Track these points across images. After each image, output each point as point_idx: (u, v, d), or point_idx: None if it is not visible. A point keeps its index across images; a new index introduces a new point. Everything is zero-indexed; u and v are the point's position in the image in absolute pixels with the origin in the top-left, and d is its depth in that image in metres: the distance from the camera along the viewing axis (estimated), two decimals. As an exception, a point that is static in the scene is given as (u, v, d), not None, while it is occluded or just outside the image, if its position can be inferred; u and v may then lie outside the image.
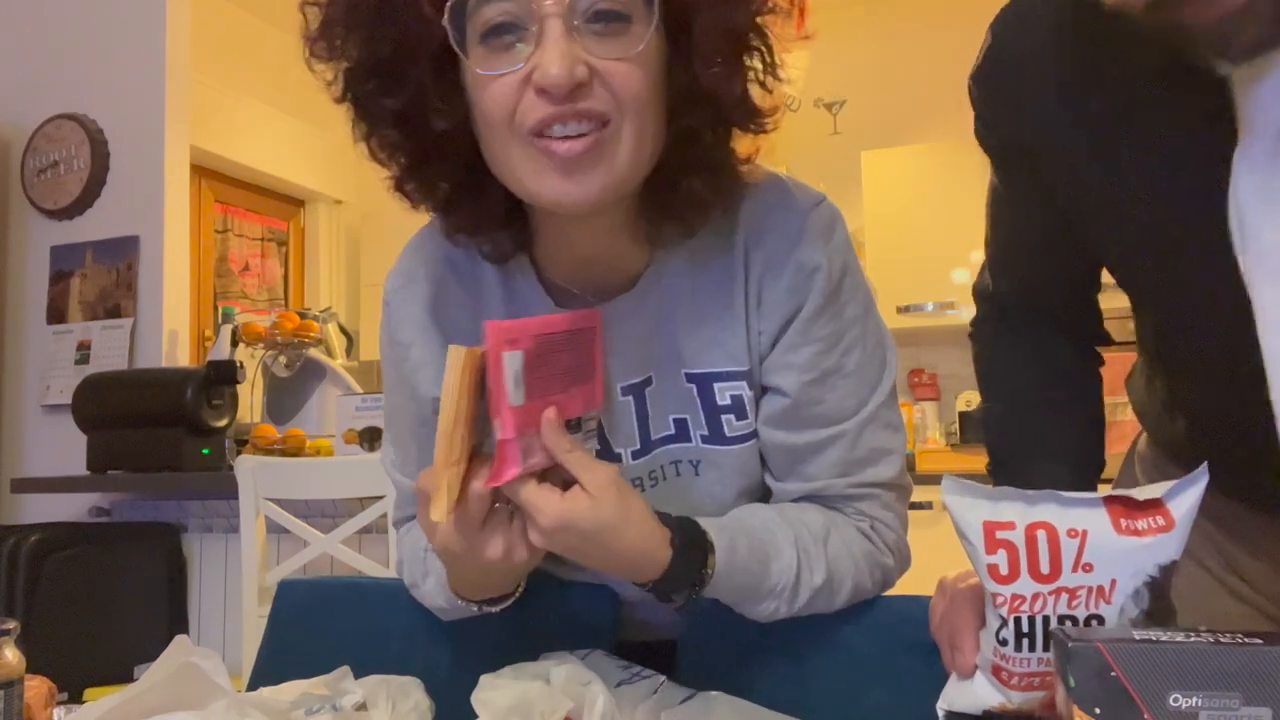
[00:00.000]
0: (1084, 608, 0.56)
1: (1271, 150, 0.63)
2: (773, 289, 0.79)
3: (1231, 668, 0.46)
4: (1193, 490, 0.57)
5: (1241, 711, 0.46)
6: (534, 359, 0.65)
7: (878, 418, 0.81)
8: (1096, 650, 0.48)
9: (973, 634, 0.63)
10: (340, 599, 1.00)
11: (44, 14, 3.33)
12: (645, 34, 0.66)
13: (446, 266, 0.85)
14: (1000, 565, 0.57)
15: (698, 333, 0.80)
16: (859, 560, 0.80)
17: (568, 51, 0.64)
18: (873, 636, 0.82)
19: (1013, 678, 0.59)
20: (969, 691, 0.62)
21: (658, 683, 0.78)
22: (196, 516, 2.75)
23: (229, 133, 4.23)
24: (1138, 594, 0.56)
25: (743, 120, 0.74)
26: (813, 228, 0.79)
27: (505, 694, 0.69)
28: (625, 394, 0.82)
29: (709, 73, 0.69)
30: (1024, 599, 0.57)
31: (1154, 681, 0.47)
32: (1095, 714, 0.47)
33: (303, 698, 0.74)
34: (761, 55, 0.72)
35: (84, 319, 3.19)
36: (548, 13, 0.64)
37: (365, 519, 2.09)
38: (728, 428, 0.81)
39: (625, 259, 0.80)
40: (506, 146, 0.69)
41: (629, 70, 0.66)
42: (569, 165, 0.67)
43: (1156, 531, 0.56)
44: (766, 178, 0.81)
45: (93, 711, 0.72)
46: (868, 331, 0.82)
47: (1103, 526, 0.56)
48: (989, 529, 0.58)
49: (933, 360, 4.21)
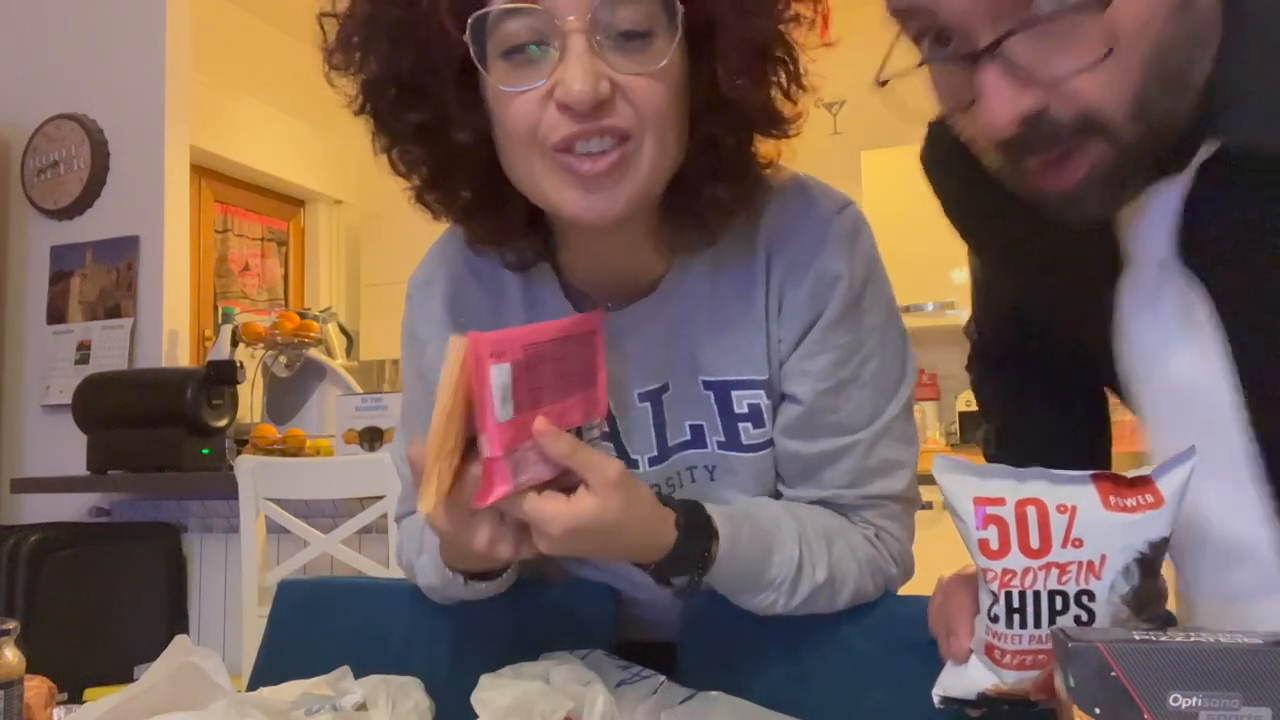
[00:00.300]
0: (1074, 583, 0.57)
1: (1156, 280, 0.64)
2: (793, 296, 0.78)
3: (1231, 668, 0.46)
4: (1182, 468, 0.57)
5: (1241, 711, 0.46)
6: (524, 370, 0.63)
7: (891, 430, 0.80)
8: (1096, 650, 0.48)
9: (967, 618, 0.63)
10: (340, 599, 1.00)
11: (44, 14, 3.33)
12: (668, 49, 0.66)
13: (467, 268, 0.86)
14: (991, 540, 0.58)
15: (717, 339, 0.79)
16: (862, 564, 0.80)
17: (591, 68, 0.63)
18: (873, 636, 0.82)
19: (1005, 655, 0.59)
20: (963, 676, 0.63)
21: (658, 683, 0.78)
22: (196, 516, 2.75)
23: (229, 133, 4.23)
24: (1128, 570, 0.56)
25: (766, 127, 0.74)
26: (836, 235, 0.78)
27: (505, 694, 0.69)
28: (643, 401, 0.82)
29: (734, 84, 0.68)
30: (1014, 574, 0.57)
31: (1154, 681, 0.47)
32: (1095, 714, 0.47)
33: (303, 698, 0.74)
34: (785, 65, 0.72)
35: (84, 319, 3.19)
36: (570, 29, 0.63)
37: (365, 519, 2.09)
38: (744, 435, 0.81)
39: (647, 265, 0.79)
40: (529, 160, 0.68)
41: (651, 85, 0.66)
42: (591, 182, 0.67)
43: (1146, 508, 0.56)
44: (790, 181, 0.80)
45: (93, 711, 0.72)
46: (887, 341, 0.81)
47: (1092, 502, 0.57)
48: (979, 504, 0.58)
49: (933, 360, 4.21)
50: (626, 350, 0.80)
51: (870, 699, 0.79)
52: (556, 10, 0.64)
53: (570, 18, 0.63)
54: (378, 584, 1.06)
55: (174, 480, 2.63)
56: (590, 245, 0.79)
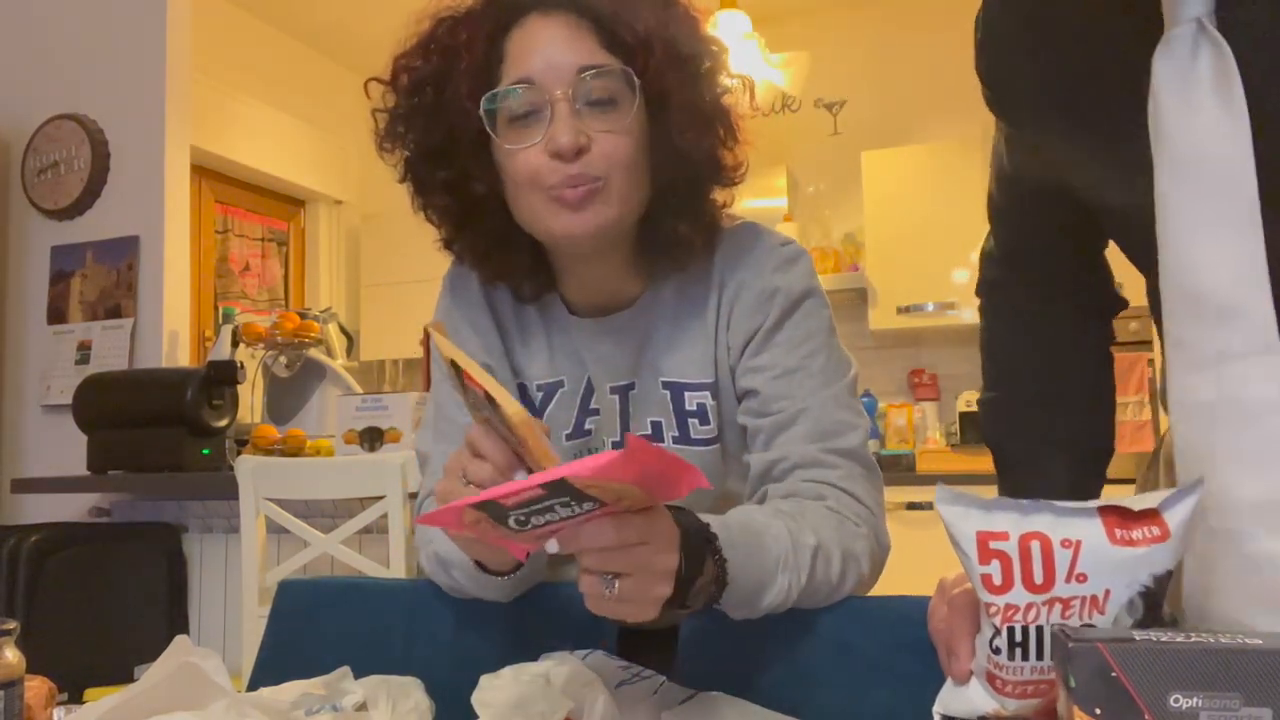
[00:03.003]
0: (1078, 618, 0.56)
1: (1191, 43, 0.64)
2: (740, 309, 0.95)
3: (1232, 668, 0.47)
4: (1189, 500, 0.56)
5: (1241, 711, 0.46)
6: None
7: (839, 398, 0.93)
8: (1097, 650, 0.48)
9: (969, 640, 0.63)
10: (340, 599, 1.00)
11: (44, 14, 3.33)
12: (630, 112, 0.87)
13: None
14: (994, 575, 0.57)
15: (676, 348, 0.97)
16: (834, 528, 0.84)
17: (572, 126, 0.85)
18: (873, 636, 0.82)
19: (1007, 685, 0.59)
20: (964, 697, 0.62)
21: (658, 683, 0.78)
22: (197, 517, 2.75)
23: (229, 133, 4.23)
24: (1132, 604, 0.56)
25: (712, 174, 0.93)
26: (777, 261, 0.96)
27: (505, 694, 0.69)
28: (612, 394, 0.99)
29: (684, 138, 0.89)
30: (1017, 609, 0.57)
31: (1154, 682, 0.47)
32: (1096, 714, 0.47)
33: (303, 698, 0.74)
34: (723, 123, 0.92)
35: (84, 319, 3.19)
36: (557, 100, 0.86)
37: (365, 519, 2.09)
38: (694, 431, 0.97)
39: (626, 287, 0.98)
40: (529, 199, 0.88)
41: (616, 139, 0.86)
42: (573, 206, 0.86)
43: (1151, 541, 0.56)
44: (743, 224, 0.99)
45: (93, 711, 0.72)
46: (831, 346, 0.95)
47: (1097, 537, 0.56)
48: (982, 539, 0.58)
49: (933, 360, 4.21)
50: (603, 352, 0.98)
51: (870, 699, 0.79)
52: (547, 85, 0.86)
53: (557, 91, 0.85)
54: (378, 584, 1.06)
55: (174, 480, 2.63)
56: (583, 272, 0.97)
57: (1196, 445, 0.66)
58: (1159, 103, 0.66)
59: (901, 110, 4.35)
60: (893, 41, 4.38)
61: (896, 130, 4.33)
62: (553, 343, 1.01)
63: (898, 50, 4.37)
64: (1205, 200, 0.64)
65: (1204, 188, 0.64)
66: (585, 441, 1.01)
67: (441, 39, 0.90)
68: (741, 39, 3.58)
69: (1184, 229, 0.65)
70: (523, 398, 1.01)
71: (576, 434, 1.00)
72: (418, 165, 0.93)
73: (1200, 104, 0.63)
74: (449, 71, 0.89)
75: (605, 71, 0.86)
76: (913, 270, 3.94)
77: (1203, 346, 0.65)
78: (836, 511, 0.86)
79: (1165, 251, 0.67)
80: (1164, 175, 0.66)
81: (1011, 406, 0.98)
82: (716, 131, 0.92)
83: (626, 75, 0.86)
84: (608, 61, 0.86)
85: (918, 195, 3.96)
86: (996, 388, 1.00)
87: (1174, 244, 0.66)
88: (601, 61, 0.86)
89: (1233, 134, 0.62)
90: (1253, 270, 0.62)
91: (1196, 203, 0.64)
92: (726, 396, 0.97)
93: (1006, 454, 0.98)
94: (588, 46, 0.87)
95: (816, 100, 4.48)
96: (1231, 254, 0.63)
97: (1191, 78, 0.64)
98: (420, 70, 0.91)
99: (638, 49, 0.87)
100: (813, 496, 0.87)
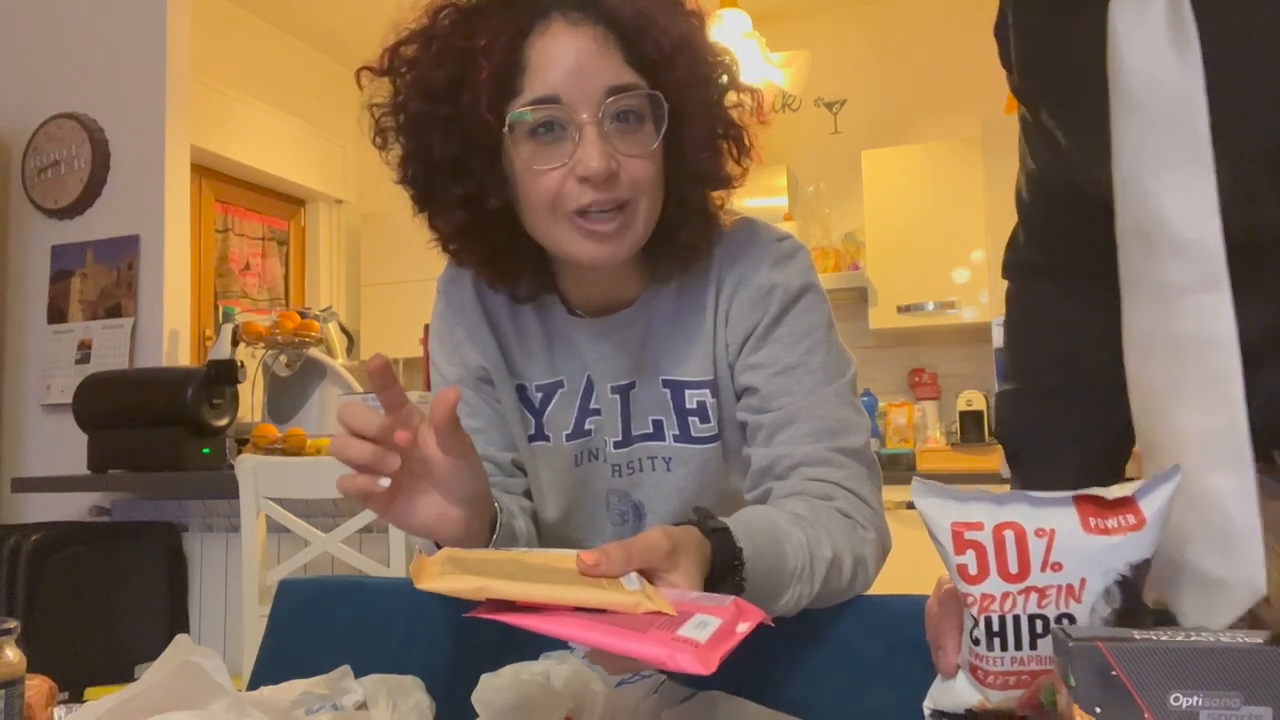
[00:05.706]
0: (1054, 606, 0.56)
1: None
2: (738, 307, 0.95)
3: (1231, 668, 0.46)
4: (1165, 488, 0.57)
5: (1241, 711, 0.46)
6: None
7: (841, 396, 0.92)
8: (1097, 650, 0.48)
9: (955, 634, 0.63)
10: (340, 599, 1.00)
11: (44, 14, 3.33)
12: (656, 136, 0.86)
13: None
14: (969, 565, 0.58)
15: (676, 347, 0.97)
16: (846, 533, 0.84)
17: (603, 150, 0.83)
18: (873, 636, 0.82)
19: (988, 676, 0.59)
20: (951, 691, 0.63)
21: (658, 683, 0.78)
22: (197, 516, 2.75)
23: (229, 133, 4.23)
24: (1109, 593, 0.56)
25: (718, 186, 0.94)
26: (773, 257, 0.95)
27: (505, 694, 0.69)
28: (614, 393, 0.98)
29: (700, 158, 0.89)
30: (993, 598, 0.57)
31: (1154, 681, 0.47)
32: (1096, 714, 0.47)
33: (303, 697, 0.74)
34: (736, 141, 0.93)
35: (84, 318, 3.19)
36: (585, 123, 0.83)
37: (366, 518, 2.09)
38: (694, 429, 0.97)
39: (627, 288, 0.97)
40: (549, 221, 0.87)
41: (643, 164, 0.85)
42: (603, 238, 0.86)
43: (1127, 530, 0.56)
44: (739, 220, 0.98)
45: (93, 711, 0.72)
46: (830, 342, 0.94)
47: (1071, 525, 0.57)
48: (957, 530, 0.58)
49: (933, 360, 4.21)
50: (604, 352, 0.98)
51: (870, 699, 0.79)
52: (574, 106, 0.83)
53: (584, 115, 0.83)
54: (378, 584, 1.06)
55: (174, 480, 2.63)
56: (586, 276, 0.96)
57: (1142, 382, 0.67)
58: (1115, 47, 0.66)
59: (901, 110, 4.35)
60: (893, 41, 4.38)
61: (896, 130, 4.33)
62: (551, 343, 1.00)
63: (898, 50, 4.37)
64: (1158, 133, 0.64)
65: (1156, 121, 0.64)
66: (585, 441, 1.00)
67: (453, 39, 0.85)
68: (741, 38, 3.58)
69: (1137, 164, 0.66)
70: (522, 398, 1.01)
71: (576, 434, 1.00)
72: (429, 178, 0.89)
73: (1153, 40, 0.64)
74: (465, 79, 0.84)
75: (634, 94, 0.84)
76: (913, 269, 3.93)
77: (1153, 280, 0.66)
78: (847, 515, 0.86)
79: (1120, 191, 0.67)
80: (1119, 114, 0.66)
81: (1028, 399, 0.97)
82: (730, 147, 0.92)
83: (654, 99, 0.85)
84: (635, 81, 0.84)
85: (918, 195, 3.96)
86: (1016, 380, 0.99)
87: (1128, 181, 0.66)
88: (629, 81, 0.84)
89: (1185, 69, 0.63)
90: (1204, 204, 0.63)
91: (1149, 136, 0.64)
92: (726, 394, 0.96)
93: (1019, 448, 0.97)
94: (615, 64, 0.84)
95: (816, 99, 4.48)
96: (1182, 187, 0.63)
97: (1147, 19, 0.64)
98: (435, 77, 0.85)
99: (661, 65, 0.85)
100: (820, 496, 0.87)
